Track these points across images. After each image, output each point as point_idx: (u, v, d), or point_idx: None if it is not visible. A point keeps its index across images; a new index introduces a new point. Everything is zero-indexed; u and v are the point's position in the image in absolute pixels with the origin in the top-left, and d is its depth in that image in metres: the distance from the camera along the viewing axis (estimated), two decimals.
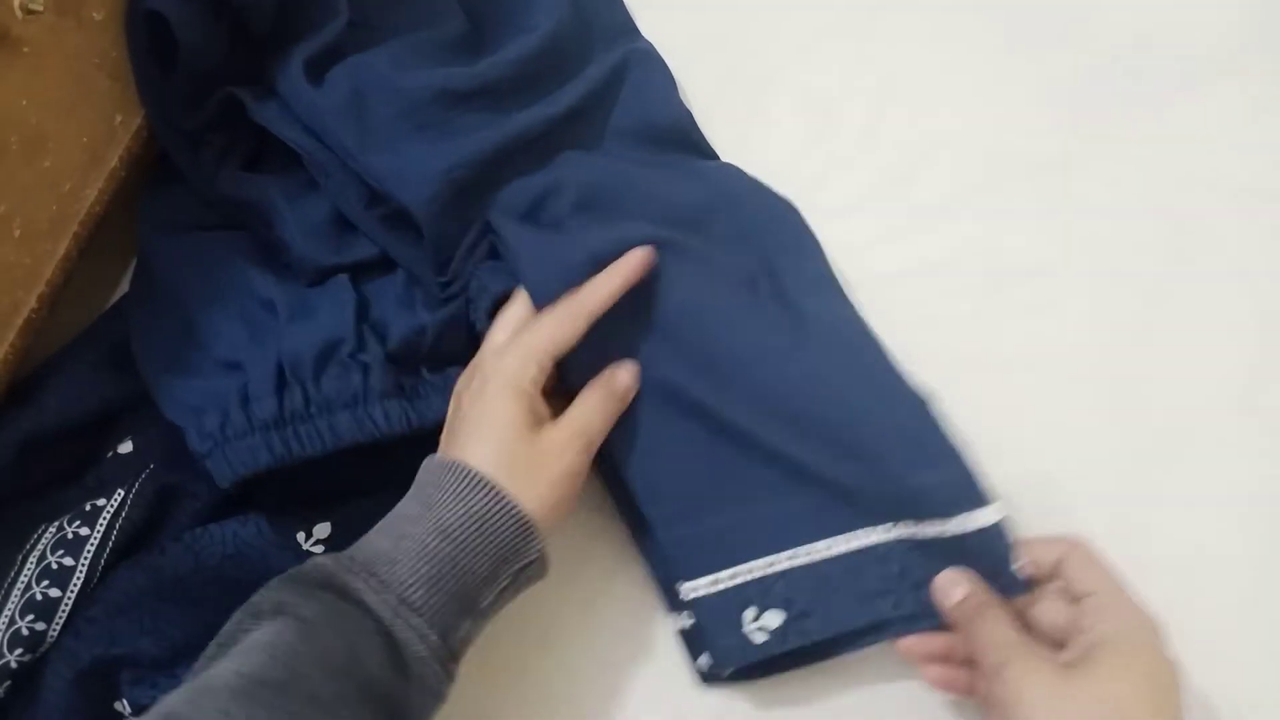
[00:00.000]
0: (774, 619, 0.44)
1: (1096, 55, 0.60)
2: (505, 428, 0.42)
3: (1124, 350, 0.53)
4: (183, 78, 0.49)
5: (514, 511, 0.40)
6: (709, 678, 0.47)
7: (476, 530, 0.39)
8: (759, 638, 0.44)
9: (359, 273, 0.52)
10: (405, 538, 0.39)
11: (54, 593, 0.45)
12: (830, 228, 0.56)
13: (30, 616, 0.45)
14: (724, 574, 0.45)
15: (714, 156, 0.57)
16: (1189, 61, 0.59)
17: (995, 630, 0.41)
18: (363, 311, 0.49)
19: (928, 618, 0.44)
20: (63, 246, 0.47)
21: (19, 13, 0.43)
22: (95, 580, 0.46)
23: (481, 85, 0.52)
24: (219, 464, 0.45)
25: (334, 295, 0.49)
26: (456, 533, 0.39)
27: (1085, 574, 0.42)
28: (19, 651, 0.44)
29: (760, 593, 0.45)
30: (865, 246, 0.56)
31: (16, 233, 0.45)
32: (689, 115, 0.57)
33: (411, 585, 0.38)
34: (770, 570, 0.45)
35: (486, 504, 0.40)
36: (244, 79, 0.52)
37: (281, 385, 0.46)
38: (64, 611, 0.45)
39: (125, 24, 0.48)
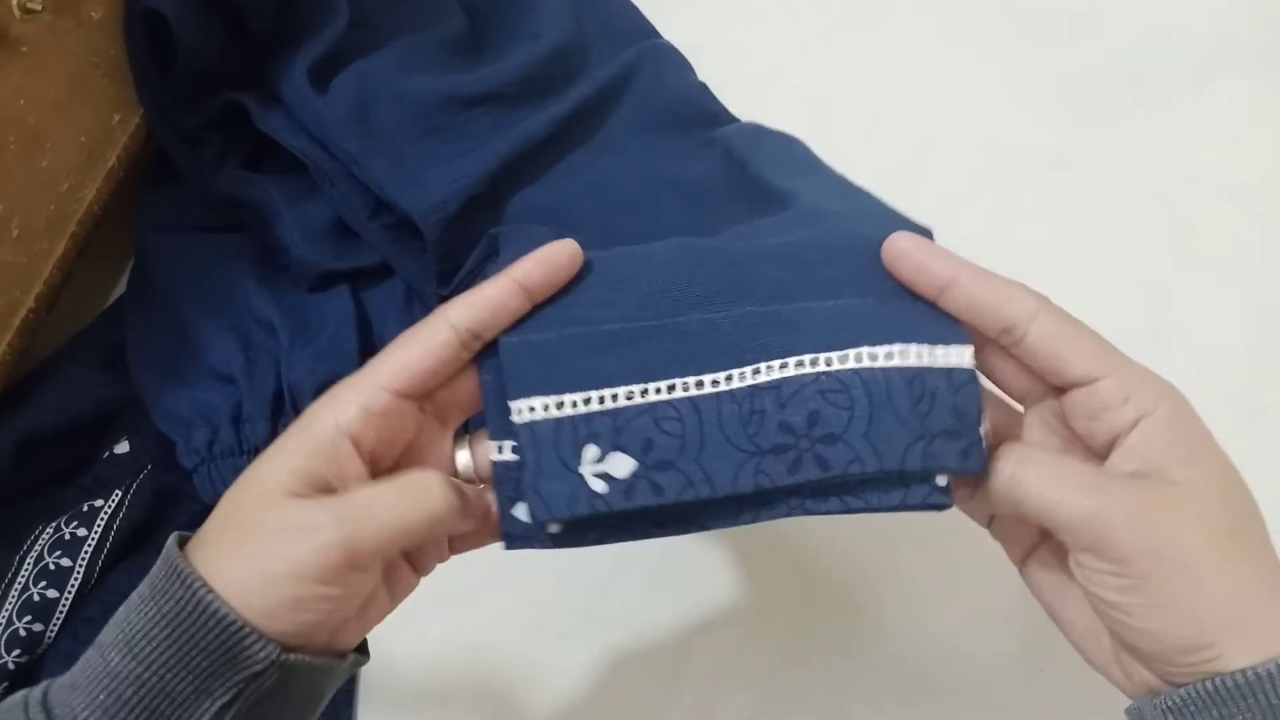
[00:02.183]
0: (621, 465, 0.33)
1: (1098, 54, 0.60)
2: (255, 487, 0.31)
3: (1124, 349, 0.53)
4: (181, 76, 0.49)
5: (215, 611, 0.30)
6: (518, 539, 0.34)
7: (167, 638, 0.30)
8: (597, 486, 0.33)
9: (359, 277, 0.52)
10: (93, 652, 0.31)
11: (51, 594, 0.45)
12: None
13: (28, 618, 0.45)
14: (572, 396, 0.33)
15: (731, 119, 0.56)
16: (1191, 60, 0.59)
17: (1030, 471, 0.31)
18: (366, 337, 0.49)
19: (839, 495, 0.33)
20: (60, 246, 0.47)
21: (17, 12, 0.42)
22: (93, 581, 0.46)
23: (485, 93, 0.52)
24: (204, 481, 0.45)
25: (336, 317, 0.49)
26: (142, 644, 0.30)
27: (1075, 351, 0.33)
28: (16, 653, 0.44)
29: (612, 428, 0.33)
30: None
31: (14, 232, 0.45)
32: (702, 88, 0.56)
33: (85, 717, 0.30)
34: (634, 402, 0.33)
35: (180, 601, 0.30)
36: (243, 78, 0.52)
37: (278, 412, 0.46)
38: (61, 613, 0.45)
39: (123, 23, 0.48)
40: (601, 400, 0.33)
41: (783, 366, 0.33)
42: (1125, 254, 0.55)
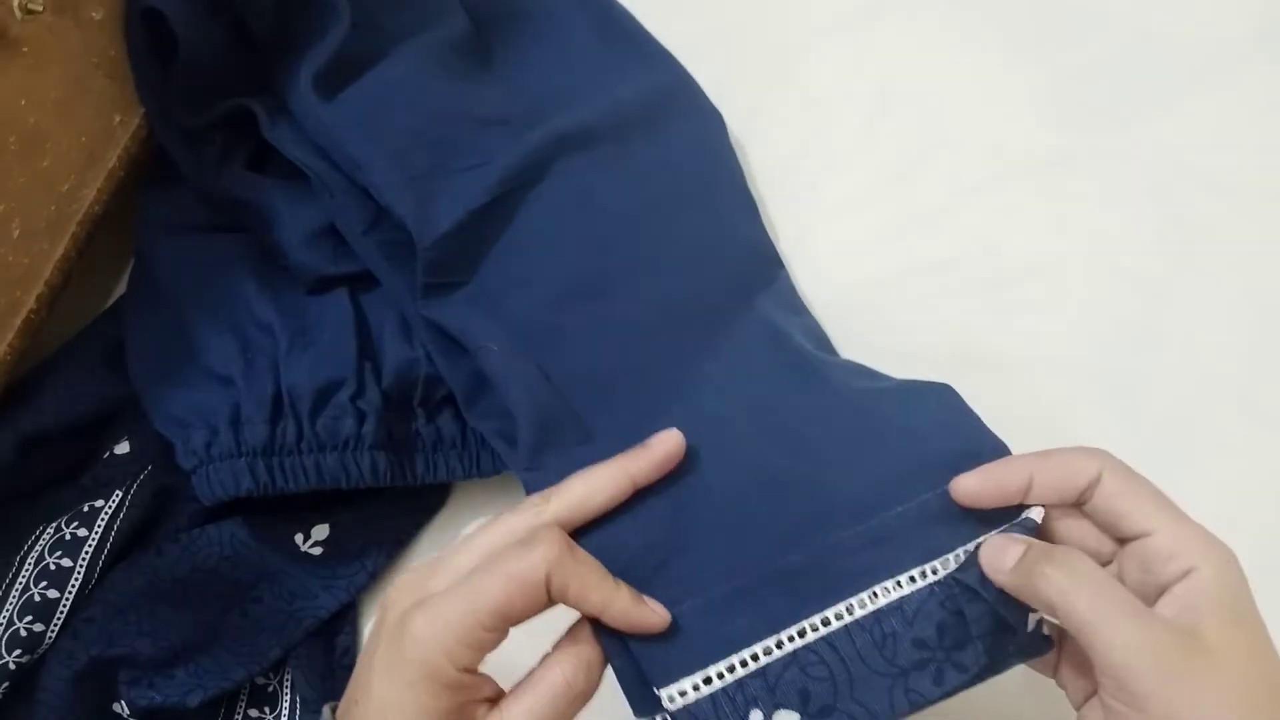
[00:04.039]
0: None
1: (1097, 54, 0.60)
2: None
3: (1124, 349, 0.53)
4: (182, 76, 0.49)
5: None
6: None
7: None
8: None
9: (358, 281, 0.51)
10: None
11: (52, 594, 0.45)
12: (831, 227, 0.56)
13: (28, 618, 0.45)
14: (716, 668, 0.34)
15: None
16: (1191, 60, 0.59)
17: (1080, 582, 0.31)
18: (364, 341, 0.49)
19: (972, 676, 0.35)
20: (61, 246, 0.47)
21: (18, 12, 0.42)
22: (93, 581, 0.46)
23: (504, 118, 0.51)
24: (202, 483, 0.45)
25: (335, 320, 0.49)
26: None
27: (1133, 507, 0.33)
28: (17, 653, 0.44)
29: (766, 688, 0.34)
30: (866, 245, 0.56)
31: (15, 233, 0.45)
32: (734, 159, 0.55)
33: None
34: (775, 655, 0.34)
35: None
36: (247, 78, 0.51)
37: (277, 415, 0.46)
38: (62, 613, 0.45)
39: (124, 23, 0.48)
40: (744, 664, 0.34)
41: (897, 585, 0.35)
42: (1125, 254, 0.55)
